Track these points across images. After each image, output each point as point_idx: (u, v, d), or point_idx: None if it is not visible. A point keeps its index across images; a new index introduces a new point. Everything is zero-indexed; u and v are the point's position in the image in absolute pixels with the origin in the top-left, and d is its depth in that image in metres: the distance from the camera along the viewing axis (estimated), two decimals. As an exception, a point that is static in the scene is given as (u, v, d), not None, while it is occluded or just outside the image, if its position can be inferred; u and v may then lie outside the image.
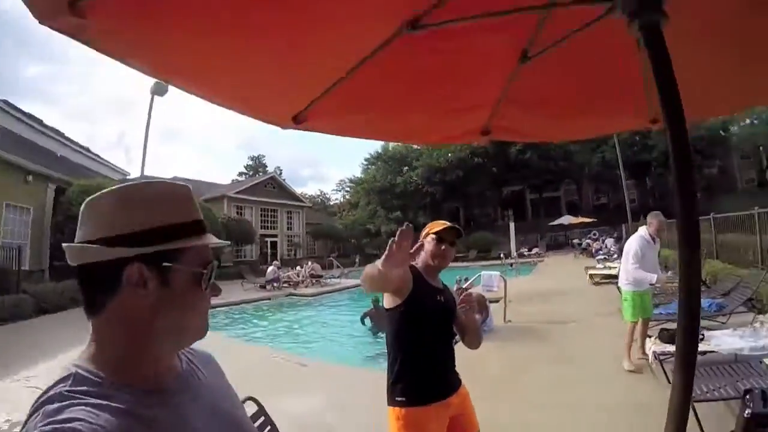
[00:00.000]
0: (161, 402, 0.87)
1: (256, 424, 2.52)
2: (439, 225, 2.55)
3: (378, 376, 2.67)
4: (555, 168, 43.67)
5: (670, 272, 5.81)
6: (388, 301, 2.46)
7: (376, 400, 2.63)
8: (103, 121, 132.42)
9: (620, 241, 24.47)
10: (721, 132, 44.01)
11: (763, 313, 6.83)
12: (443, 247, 2.51)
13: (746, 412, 3.17)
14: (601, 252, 22.46)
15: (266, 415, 2.69)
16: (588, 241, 28.59)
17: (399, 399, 2.40)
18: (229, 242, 1.35)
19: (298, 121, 2.05)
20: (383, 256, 1.78)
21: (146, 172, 19.06)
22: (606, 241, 26.16)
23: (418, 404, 2.39)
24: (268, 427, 2.65)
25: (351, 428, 4.81)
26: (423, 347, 2.45)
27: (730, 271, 9.87)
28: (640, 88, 2.15)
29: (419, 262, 2.56)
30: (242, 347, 9.67)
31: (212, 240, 1.03)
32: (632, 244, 6.13)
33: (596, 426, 4.45)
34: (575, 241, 32.66)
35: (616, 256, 19.08)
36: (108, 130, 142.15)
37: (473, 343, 2.66)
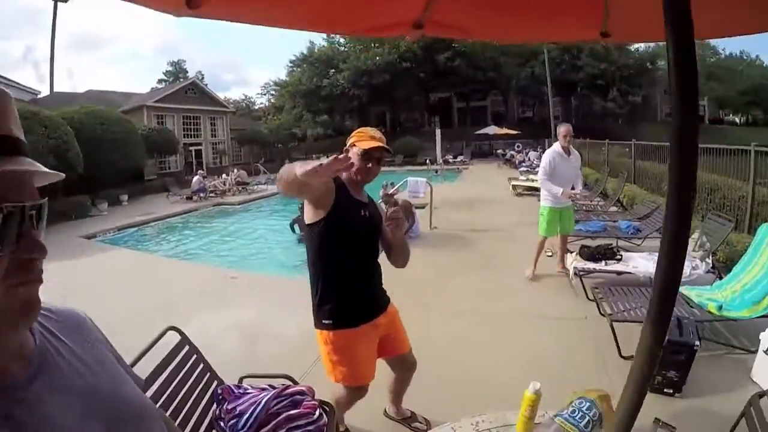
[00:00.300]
0: (9, 401, 0.65)
1: (180, 354, 2.40)
2: (367, 139, 2.36)
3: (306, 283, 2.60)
4: (483, 78, 43.62)
5: (580, 188, 5.99)
6: (308, 215, 2.30)
7: (306, 311, 2.55)
8: (8, 36, 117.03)
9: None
10: (648, 64, 45.22)
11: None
12: (369, 164, 2.34)
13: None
14: (524, 164, 22.94)
15: (190, 344, 2.52)
16: (512, 152, 29.18)
17: (326, 322, 2.36)
18: (58, 172, 0.74)
19: (192, 5, 1.64)
20: (307, 167, 1.57)
21: (58, 89, 17.54)
22: (529, 153, 26.79)
23: (345, 326, 2.36)
24: (194, 356, 2.49)
25: (288, 340, 4.77)
26: (347, 265, 2.37)
27: (646, 196, 10.41)
28: None
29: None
30: (170, 264, 9.43)
31: (23, 166, 0.65)
32: (544, 157, 6.35)
33: (523, 336, 4.70)
34: (499, 151, 33.18)
35: (538, 169, 19.58)
36: (14, 46, 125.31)
37: (399, 261, 2.54)
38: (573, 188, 6.25)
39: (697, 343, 3.41)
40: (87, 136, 18.26)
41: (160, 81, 64.30)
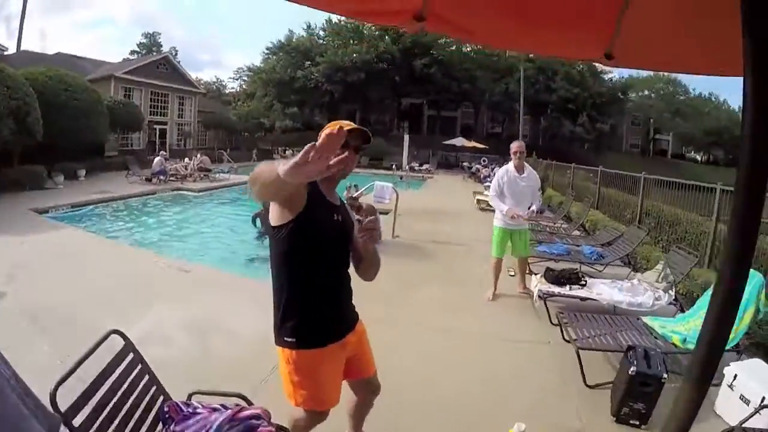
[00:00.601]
0: None
1: (123, 363, 2.15)
2: (343, 125, 2.06)
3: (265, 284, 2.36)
4: (457, 89, 43.89)
5: (534, 207, 5.92)
6: (275, 215, 2.00)
7: (264, 313, 2.33)
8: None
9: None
10: (620, 94, 46.59)
11: (638, 271, 7.39)
12: (346, 153, 1.98)
13: (631, 369, 3.39)
14: (489, 179, 22.97)
15: (135, 351, 2.26)
16: (478, 166, 29.38)
17: (288, 340, 2.10)
18: None
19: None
20: (293, 161, 1.32)
21: (28, 48, 16.86)
22: (495, 169, 26.86)
23: (311, 346, 2.12)
24: (139, 366, 2.24)
25: (243, 344, 4.54)
26: (315, 276, 2.10)
27: (608, 222, 10.60)
28: (614, 13, 1.89)
29: None
30: (122, 250, 8.91)
31: None
32: (496, 174, 6.35)
33: (487, 357, 4.60)
34: (465, 164, 33.40)
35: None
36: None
37: (369, 273, 2.30)
38: (530, 208, 6.05)
39: (665, 375, 3.43)
40: (50, 101, 17.46)
41: (132, 53, 62.54)
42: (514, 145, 6.00)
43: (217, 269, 7.95)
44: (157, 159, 19.46)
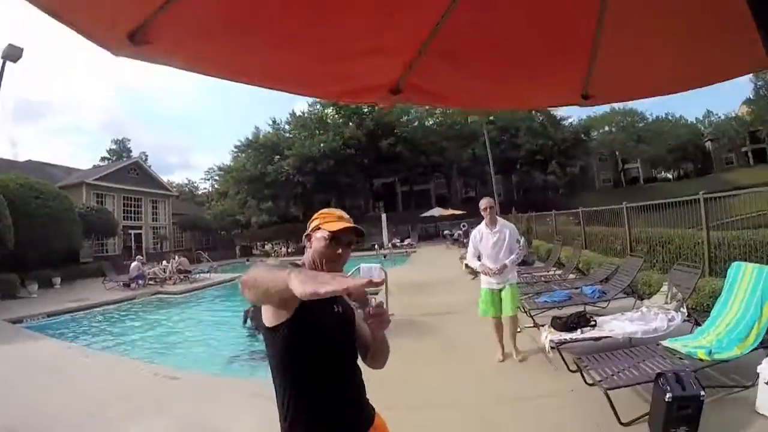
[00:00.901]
0: None
1: None
2: (334, 220, 1.93)
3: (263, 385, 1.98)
4: (426, 162, 45.02)
5: (509, 259, 5.64)
6: (268, 315, 1.73)
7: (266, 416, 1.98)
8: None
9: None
10: (583, 136, 48.17)
11: (643, 299, 7.17)
12: (339, 250, 1.88)
13: (667, 396, 3.19)
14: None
15: None
16: (459, 231, 29.41)
17: None
18: None
19: (136, 41, 1.38)
20: (323, 285, 1.11)
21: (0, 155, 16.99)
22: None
23: None
24: None
25: None
26: (323, 377, 1.79)
27: (602, 259, 10.47)
28: (585, 56, 1.90)
29: (305, 261, 1.94)
30: (103, 360, 8.16)
31: None
32: (471, 235, 6.21)
33: (513, 423, 4.20)
34: (446, 232, 33.61)
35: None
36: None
37: (379, 362, 2.07)
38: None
39: (703, 392, 3.28)
40: (20, 209, 17.43)
41: (102, 159, 63.68)
42: (482, 203, 5.86)
43: (209, 374, 7.37)
44: (134, 264, 19.00)
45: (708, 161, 62.88)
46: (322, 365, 1.77)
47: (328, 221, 1.91)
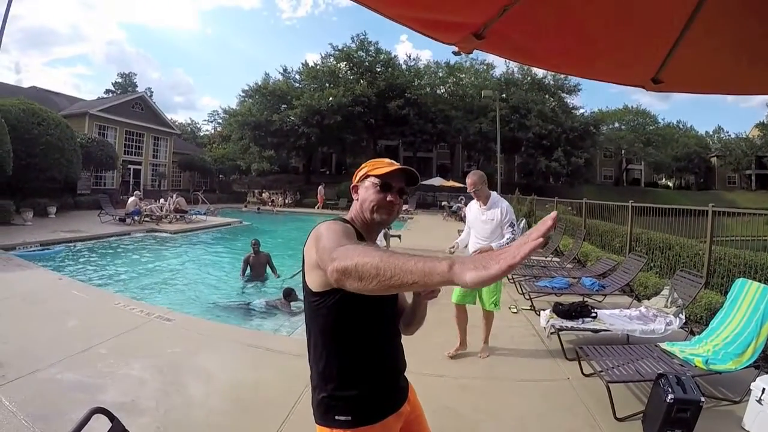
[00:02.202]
0: None
1: None
2: (384, 165, 1.81)
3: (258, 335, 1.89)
4: (432, 129, 44.44)
5: (495, 243, 4.97)
6: (317, 279, 1.62)
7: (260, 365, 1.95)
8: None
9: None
10: (592, 128, 47.86)
11: (639, 299, 7.26)
12: (389, 197, 1.76)
13: (669, 397, 3.25)
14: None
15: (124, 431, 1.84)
16: (459, 204, 29.40)
17: (341, 418, 1.71)
18: None
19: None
20: (503, 262, 0.95)
21: (4, 80, 16.67)
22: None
23: (367, 423, 1.73)
24: None
25: (250, 407, 4.08)
26: (372, 346, 1.76)
27: (601, 253, 10.56)
28: (669, 42, 1.85)
29: (352, 215, 1.86)
30: (95, 295, 7.78)
31: None
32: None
33: (508, 401, 4.22)
34: (444, 203, 33.46)
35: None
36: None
37: (414, 328, 2.02)
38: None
39: (703, 399, 3.34)
40: (21, 135, 17.18)
41: (107, 92, 62.86)
42: (468, 180, 5.12)
43: (204, 318, 7.25)
44: (131, 199, 18.90)
45: (710, 176, 63.31)
46: (372, 331, 1.75)
47: (377, 168, 1.81)
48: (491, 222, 5.10)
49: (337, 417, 1.70)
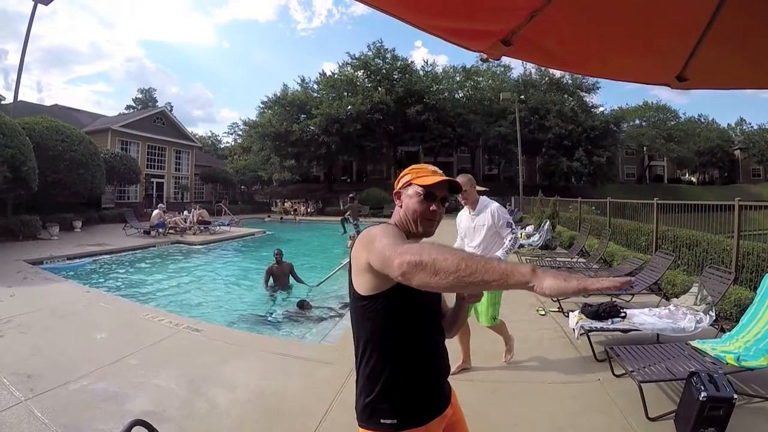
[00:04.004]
0: None
1: None
2: (427, 174, 1.81)
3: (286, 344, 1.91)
4: (452, 134, 44.39)
5: (499, 253, 4.67)
6: (365, 284, 1.66)
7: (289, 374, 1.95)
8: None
9: (514, 213, 25.34)
10: (612, 126, 47.18)
11: (668, 298, 7.15)
12: (432, 207, 1.76)
13: (702, 395, 3.20)
14: (491, 220, 22.83)
15: None
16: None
17: (387, 422, 1.72)
18: None
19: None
20: (576, 284, 1.07)
21: (27, 99, 17.05)
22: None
23: (412, 426, 1.73)
24: None
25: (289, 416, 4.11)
26: (419, 348, 1.77)
27: (627, 253, 10.42)
28: (694, 39, 1.86)
29: (395, 221, 1.85)
30: (124, 306, 7.91)
31: None
32: None
33: (539, 404, 4.18)
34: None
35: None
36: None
37: (456, 330, 2.05)
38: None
39: (735, 396, 3.28)
40: (46, 152, 17.51)
41: (128, 107, 64.16)
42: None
43: (230, 328, 7.29)
44: (156, 212, 19.17)
45: (734, 170, 62.13)
46: (419, 334, 1.77)
47: (421, 176, 1.82)
48: (482, 228, 4.79)
49: (382, 420, 1.72)
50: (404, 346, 1.73)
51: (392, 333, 1.71)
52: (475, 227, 4.84)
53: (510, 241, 4.70)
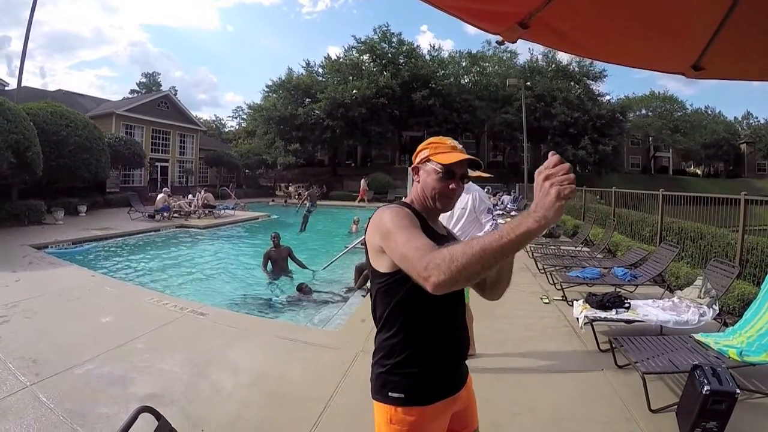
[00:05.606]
0: None
1: None
2: (447, 150, 1.77)
3: (289, 326, 1.89)
4: (457, 119, 43.89)
5: (488, 228, 4.65)
6: (383, 261, 1.67)
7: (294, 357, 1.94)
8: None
9: (518, 200, 25.31)
10: (619, 115, 46.79)
11: (672, 290, 7.14)
12: (452, 185, 1.74)
13: (705, 388, 3.20)
14: (497, 208, 22.87)
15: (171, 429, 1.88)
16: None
17: (395, 395, 1.71)
18: None
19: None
20: (548, 208, 1.17)
21: (31, 84, 17.04)
22: (503, 197, 26.72)
23: (419, 403, 1.72)
24: None
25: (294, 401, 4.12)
26: (437, 326, 1.75)
27: (632, 243, 10.40)
28: (711, 28, 1.85)
29: (412, 197, 1.85)
30: (129, 291, 7.91)
31: None
32: None
33: (542, 393, 4.19)
34: (469, 193, 33.20)
35: (514, 213, 19.65)
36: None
37: (501, 289, 1.87)
38: None
39: (738, 390, 3.26)
40: (50, 137, 17.51)
41: (132, 92, 64.01)
42: None
43: (236, 312, 7.35)
44: (160, 196, 19.27)
45: (740, 164, 61.73)
46: (436, 310, 1.73)
47: (440, 152, 1.78)
48: (462, 210, 4.73)
49: (390, 393, 1.72)
50: (421, 322, 1.72)
51: (409, 308, 1.70)
52: (453, 211, 4.63)
53: (490, 227, 4.65)
